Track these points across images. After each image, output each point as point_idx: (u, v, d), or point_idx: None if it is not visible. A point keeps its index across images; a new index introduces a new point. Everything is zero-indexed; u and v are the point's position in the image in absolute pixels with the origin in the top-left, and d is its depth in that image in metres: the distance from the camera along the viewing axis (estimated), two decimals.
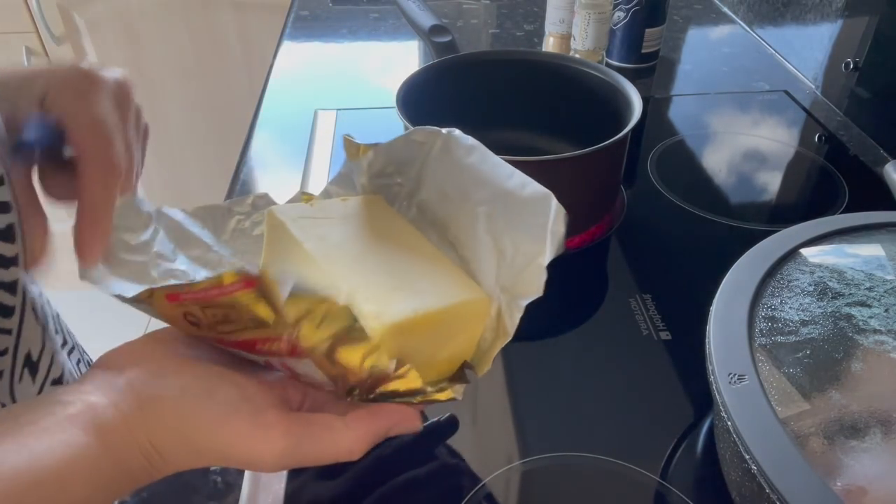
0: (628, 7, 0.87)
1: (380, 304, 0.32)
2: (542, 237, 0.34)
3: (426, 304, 0.33)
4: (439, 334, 0.34)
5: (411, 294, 0.33)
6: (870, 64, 0.77)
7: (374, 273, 0.34)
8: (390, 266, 0.35)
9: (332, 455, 0.30)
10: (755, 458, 0.32)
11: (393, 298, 0.32)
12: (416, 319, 0.32)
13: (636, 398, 0.48)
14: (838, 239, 0.44)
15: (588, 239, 0.62)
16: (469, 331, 0.35)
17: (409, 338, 0.32)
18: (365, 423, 0.31)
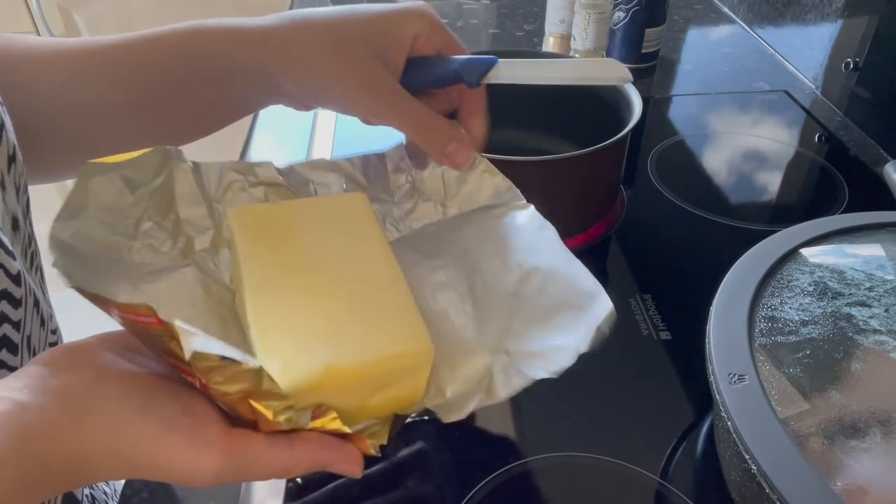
0: (628, 7, 0.87)
1: (289, 357, 0.30)
2: (584, 327, 0.34)
3: (344, 356, 0.30)
4: (366, 384, 0.31)
5: (333, 342, 0.31)
6: (870, 64, 0.77)
7: (303, 310, 0.32)
8: (329, 299, 0.33)
9: (270, 474, 0.30)
10: (755, 458, 0.32)
11: (308, 349, 0.30)
12: (331, 374, 0.30)
13: (636, 398, 0.48)
14: (838, 239, 0.44)
15: (588, 239, 0.62)
16: (406, 381, 0.32)
17: (328, 390, 0.30)
18: (309, 451, 0.30)
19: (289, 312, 0.32)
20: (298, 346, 0.31)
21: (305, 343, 0.31)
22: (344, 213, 0.38)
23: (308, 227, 0.37)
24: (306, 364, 0.30)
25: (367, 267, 0.35)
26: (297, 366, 0.30)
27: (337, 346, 0.31)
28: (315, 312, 0.32)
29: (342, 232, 0.37)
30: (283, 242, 0.36)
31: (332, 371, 0.30)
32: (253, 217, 0.37)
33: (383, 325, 0.32)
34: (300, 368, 0.30)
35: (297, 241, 0.36)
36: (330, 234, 0.36)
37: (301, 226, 0.37)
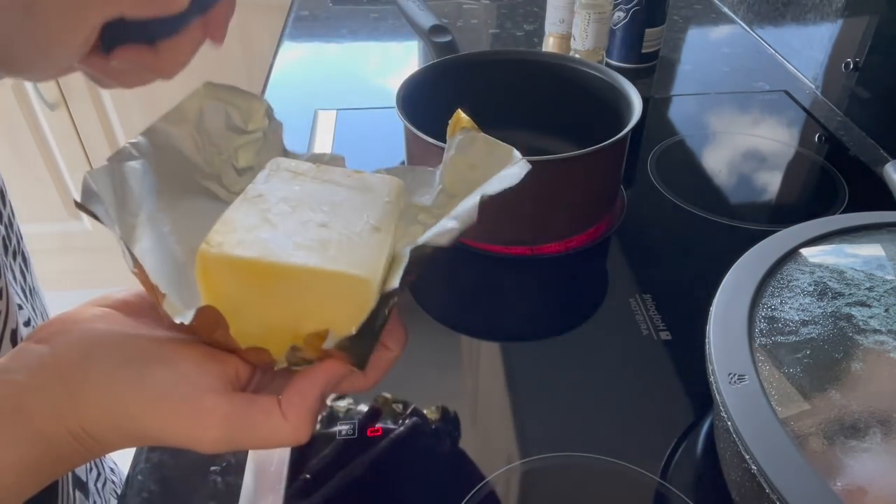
0: (628, 7, 0.87)
1: (231, 240, 0.30)
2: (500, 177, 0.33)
3: (278, 256, 0.30)
4: (294, 295, 0.30)
5: (279, 246, 0.31)
6: (870, 64, 0.77)
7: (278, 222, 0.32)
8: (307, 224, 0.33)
9: (275, 441, 0.29)
10: (755, 458, 0.32)
11: (252, 242, 0.31)
12: (256, 266, 0.30)
13: (636, 398, 0.48)
14: (838, 239, 0.44)
15: (588, 239, 0.62)
16: (338, 309, 0.31)
17: (252, 287, 0.30)
18: (295, 405, 0.29)
19: (263, 220, 0.32)
20: (245, 237, 0.31)
21: (254, 238, 0.31)
22: (374, 186, 0.37)
23: (338, 183, 0.37)
24: (239, 249, 0.30)
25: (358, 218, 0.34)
26: (230, 247, 0.30)
27: (280, 249, 0.30)
28: (286, 226, 0.32)
29: (360, 194, 0.36)
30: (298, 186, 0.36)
31: (259, 264, 0.30)
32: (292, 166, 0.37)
33: (345, 252, 0.31)
34: (231, 250, 0.30)
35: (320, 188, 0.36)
36: (346, 189, 0.36)
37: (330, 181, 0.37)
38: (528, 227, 0.59)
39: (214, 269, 0.30)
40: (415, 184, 0.41)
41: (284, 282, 0.30)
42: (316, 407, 0.30)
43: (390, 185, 0.37)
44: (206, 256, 0.30)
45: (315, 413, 0.30)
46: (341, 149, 0.74)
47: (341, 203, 0.34)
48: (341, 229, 0.32)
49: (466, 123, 0.39)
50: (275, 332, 0.31)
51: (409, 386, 0.48)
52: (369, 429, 0.45)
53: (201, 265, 0.30)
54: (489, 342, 0.52)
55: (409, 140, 0.61)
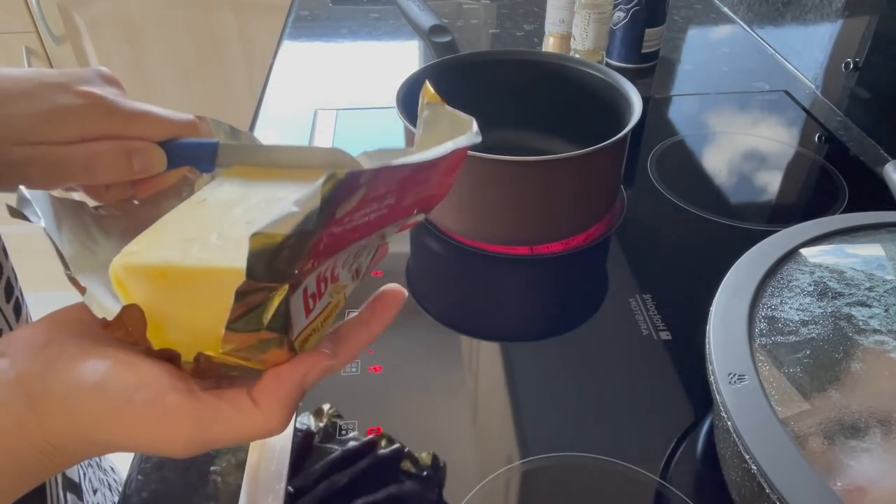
0: (628, 7, 0.87)
1: (150, 248, 0.30)
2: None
3: (186, 259, 0.29)
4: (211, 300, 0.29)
5: (197, 248, 0.30)
6: (870, 64, 0.77)
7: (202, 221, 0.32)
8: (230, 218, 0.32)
9: (250, 435, 0.28)
10: (755, 458, 0.32)
11: (166, 247, 0.30)
12: (163, 270, 0.29)
13: (636, 398, 0.48)
14: (838, 239, 0.44)
15: (588, 239, 0.62)
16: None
17: (166, 293, 0.30)
18: (270, 393, 0.28)
19: (193, 224, 0.32)
20: (161, 244, 0.30)
21: (168, 244, 0.31)
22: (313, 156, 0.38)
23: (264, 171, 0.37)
24: (139, 257, 0.30)
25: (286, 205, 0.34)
26: (136, 256, 0.30)
27: (184, 253, 0.30)
28: (212, 229, 0.32)
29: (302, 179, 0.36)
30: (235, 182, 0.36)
31: (165, 267, 0.29)
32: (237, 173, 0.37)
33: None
34: (148, 256, 0.30)
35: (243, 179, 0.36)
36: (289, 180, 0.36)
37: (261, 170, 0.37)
38: (528, 227, 0.59)
39: (126, 280, 0.30)
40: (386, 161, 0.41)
41: (188, 285, 0.29)
42: (293, 396, 0.29)
43: (324, 155, 0.37)
44: (115, 268, 0.30)
45: (292, 402, 0.29)
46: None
47: (282, 197, 0.34)
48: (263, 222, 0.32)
49: (431, 97, 0.37)
50: (203, 337, 0.30)
51: (409, 386, 0.48)
52: (369, 429, 0.45)
53: (114, 277, 0.30)
54: (489, 342, 0.52)
55: (410, 140, 0.61)
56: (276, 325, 0.27)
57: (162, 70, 1.53)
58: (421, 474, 0.42)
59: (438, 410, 0.47)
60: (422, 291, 0.57)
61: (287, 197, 0.34)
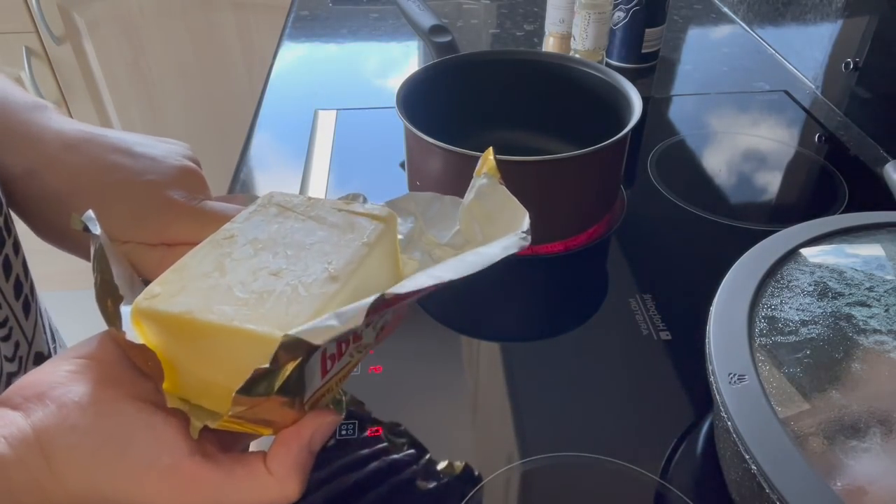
0: (628, 7, 0.87)
1: (173, 292, 0.30)
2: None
3: (207, 313, 0.29)
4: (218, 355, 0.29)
5: (219, 298, 0.30)
6: (870, 64, 0.77)
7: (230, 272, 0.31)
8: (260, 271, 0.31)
9: (263, 499, 0.29)
10: (755, 458, 0.32)
11: (193, 292, 0.30)
12: (183, 320, 0.29)
13: (636, 398, 0.48)
14: (838, 239, 0.44)
15: (588, 239, 0.62)
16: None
17: (183, 341, 0.29)
18: (280, 459, 0.29)
19: (216, 266, 0.31)
20: (184, 288, 0.30)
21: (193, 289, 0.30)
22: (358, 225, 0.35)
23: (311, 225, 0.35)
24: (164, 303, 0.29)
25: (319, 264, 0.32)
26: (159, 300, 0.29)
27: (207, 303, 0.29)
28: (237, 274, 0.31)
29: (339, 234, 0.34)
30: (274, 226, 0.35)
31: (178, 319, 0.29)
32: (278, 200, 0.36)
33: (274, 305, 0.29)
34: (157, 304, 0.29)
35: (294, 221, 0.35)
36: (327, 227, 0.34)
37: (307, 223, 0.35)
38: None
39: (145, 323, 0.30)
40: (439, 215, 0.39)
41: (206, 338, 0.29)
42: (303, 460, 0.29)
43: (375, 224, 0.35)
44: (136, 310, 0.29)
45: (303, 466, 0.29)
46: (341, 149, 0.74)
47: (312, 245, 0.33)
48: (291, 278, 0.31)
49: (490, 169, 0.37)
50: (211, 389, 0.30)
51: (409, 386, 0.48)
52: (370, 429, 0.45)
53: (133, 317, 0.30)
54: (489, 342, 0.52)
55: (409, 140, 0.61)
56: (287, 390, 0.27)
57: (162, 70, 1.53)
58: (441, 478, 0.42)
59: (438, 410, 0.47)
60: None
61: (318, 247, 0.33)
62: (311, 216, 0.35)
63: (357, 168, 0.72)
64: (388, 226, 0.35)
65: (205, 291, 0.30)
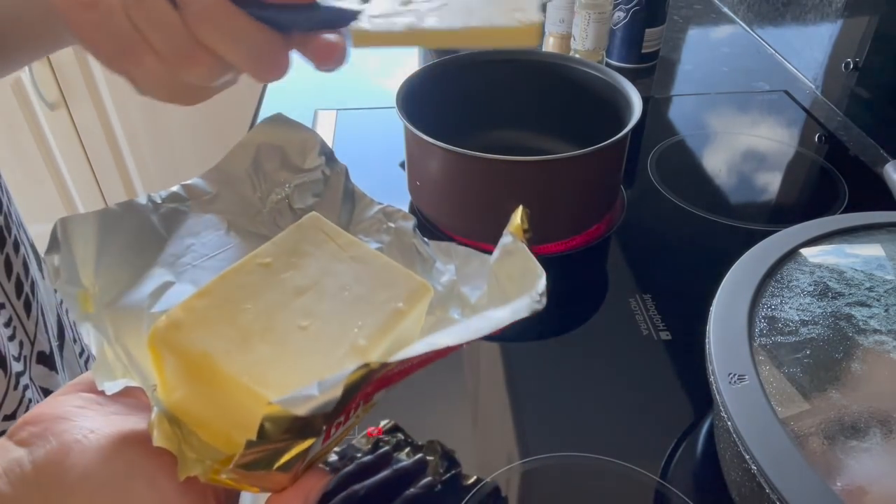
0: (628, 7, 0.87)
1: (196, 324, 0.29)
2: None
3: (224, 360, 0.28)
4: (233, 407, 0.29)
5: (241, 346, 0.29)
6: (870, 64, 0.77)
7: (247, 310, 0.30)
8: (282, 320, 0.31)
9: None
10: (755, 458, 0.32)
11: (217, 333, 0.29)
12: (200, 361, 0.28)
13: (636, 398, 0.48)
14: (838, 239, 0.44)
15: (588, 239, 0.62)
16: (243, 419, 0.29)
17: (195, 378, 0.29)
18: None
19: (241, 302, 0.30)
20: (207, 319, 0.29)
21: (217, 330, 0.29)
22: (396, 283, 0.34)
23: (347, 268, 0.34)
24: (185, 335, 0.28)
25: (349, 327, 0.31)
26: (182, 331, 0.29)
27: (238, 350, 0.29)
28: (259, 318, 0.30)
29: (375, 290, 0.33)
30: (312, 256, 0.34)
31: (204, 357, 0.28)
32: (319, 226, 0.35)
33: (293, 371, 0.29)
34: (178, 335, 0.29)
35: (322, 264, 0.34)
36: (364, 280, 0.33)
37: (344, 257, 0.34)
38: None
39: (161, 351, 0.29)
40: (474, 273, 0.39)
41: (218, 383, 0.28)
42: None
43: (412, 289, 0.34)
44: (154, 335, 0.29)
45: None
46: (341, 149, 0.74)
47: (347, 299, 0.32)
48: (319, 339, 0.30)
49: (514, 229, 0.36)
50: (212, 424, 0.30)
51: (409, 386, 0.48)
52: (370, 429, 0.45)
53: (150, 341, 0.29)
54: (489, 342, 0.52)
55: (409, 140, 0.61)
56: (288, 467, 0.26)
57: None
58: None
59: (438, 410, 0.47)
60: None
61: (353, 303, 0.32)
62: (352, 256, 0.34)
63: (357, 168, 0.71)
64: (424, 297, 0.34)
65: (227, 331, 0.29)
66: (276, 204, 0.38)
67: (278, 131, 0.38)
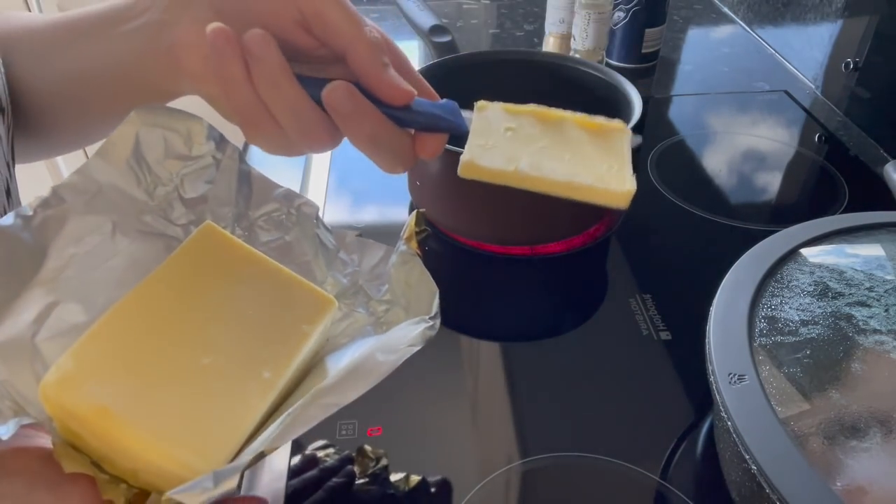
0: (628, 7, 0.87)
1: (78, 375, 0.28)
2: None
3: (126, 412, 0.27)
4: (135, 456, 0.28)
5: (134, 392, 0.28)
6: (870, 64, 0.77)
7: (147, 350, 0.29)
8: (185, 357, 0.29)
9: None
10: (755, 458, 0.32)
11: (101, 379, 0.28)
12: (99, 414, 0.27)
13: (636, 398, 0.48)
14: (838, 239, 0.44)
15: (588, 239, 0.62)
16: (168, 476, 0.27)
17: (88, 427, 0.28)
18: None
19: (135, 342, 0.29)
20: (96, 371, 0.28)
21: (106, 372, 0.28)
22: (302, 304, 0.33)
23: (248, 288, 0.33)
24: (83, 392, 0.27)
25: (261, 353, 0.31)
26: (75, 385, 0.27)
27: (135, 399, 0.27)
28: (157, 359, 0.29)
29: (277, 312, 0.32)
30: (209, 279, 0.32)
31: (103, 412, 0.27)
32: (215, 240, 0.33)
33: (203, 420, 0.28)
34: (75, 390, 0.27)
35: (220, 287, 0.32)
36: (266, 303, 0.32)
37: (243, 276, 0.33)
38: (528, 227, 0.59)
39: (54, 404, 0.28)
40: (377, 264, 0.38)
41: (118, 435, 0.27)
42: None
43: (316, 305, 0.33)
44: (43, 391, 0.27)
45: None
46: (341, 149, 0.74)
47: (247, 326, 0.31)
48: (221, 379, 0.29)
49: (408, 236, 0.35)
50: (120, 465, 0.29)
51: (409, 386, 0.48)
52: (369, 429, 0.45)
53: (42, 395, 0.28)
54: (489, 342, 0.52)
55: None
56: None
57: None
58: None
59: (438, 410, 0.47)
60: None
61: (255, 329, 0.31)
62: (252, 273, 0.33)
63: (357, 168, 0.72)
64: (327, 311, 0.34)
65: (124, 379, 0.28)
66: (165, 196, 0.36)
67: (157, 120, 0.35)
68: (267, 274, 0.34)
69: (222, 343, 0.30)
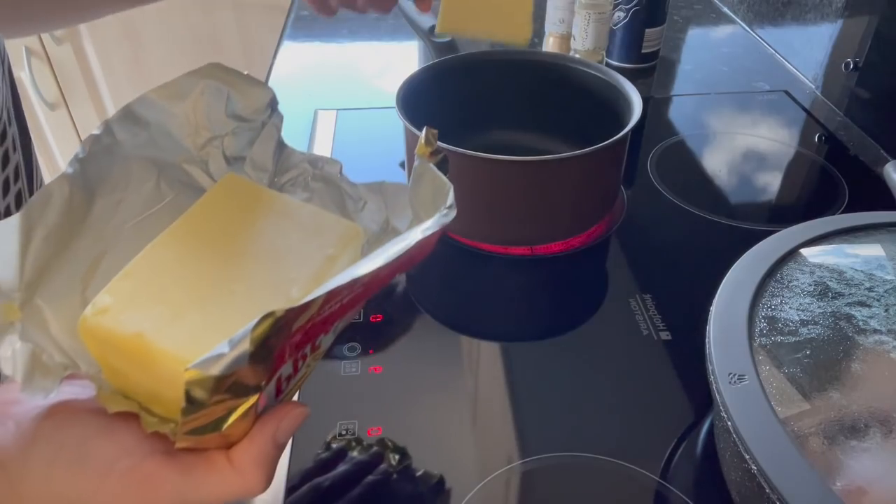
0: (628, 7, 0.87)
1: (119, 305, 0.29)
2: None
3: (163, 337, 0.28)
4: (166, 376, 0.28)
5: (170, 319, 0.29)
6: (870, 64, 0.77)
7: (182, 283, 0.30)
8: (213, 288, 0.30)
9: (227, 493, 0.28)
10: (755, 458, 0.32)
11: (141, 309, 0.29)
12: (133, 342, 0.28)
13: (636, 398, 0.48)
14: (838, 239, 0.44)
15: (588, 239, 0.62)
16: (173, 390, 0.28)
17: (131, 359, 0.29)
18: (244, 452, 0.28)
19: (168, 277, 0.30)
20: (131, 303, 0.29)
21: (145, 303, 0.29)
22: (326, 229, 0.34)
23: (274, 224, 0.34)
24: (115, 320, 0.28)
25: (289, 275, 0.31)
26: (111, 316, 0.28)
27: (169, 324, 0.28)
28: (189, 290, 0.30)
29: (303, 240, 0.33)
30: (238, 218, 0.33)
31: (137, 338, 0.28)
32: (240, 186, 0.34)
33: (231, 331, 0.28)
34: (112, 320, 0.28)
35: (249, 224, 0.33)
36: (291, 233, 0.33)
37: (270, 214, 0.34)
38: (528, 227, 0.59)
39: (93, 335, 0.29)
40: (402, 203, 0.38)
41: (156, 360, 0.28)
42: (267, 452, 0.28)
43: (341, 233, 0.33)
44: (83, 324, 0.28)
45: (267, 459, 0.28)
46: (341, 149, 0.74)
47: (273, 255, 0.32)
48: (249, 302, 0.29)
49: (420, 150, 0.35)
50: (161, 397, 0.29)
51: (409, 386, 0.48)
52: (369, 429, 0.45)
53: (81, 329, 0.29)
54: (489, 342, 0.52)
55: (409, 140, 0.61)
56: (238, 429, 0.26)
57: (162, 70, 1.53)
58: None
59: (438, 410, 0.47)
60: (421, 291, 0.57)
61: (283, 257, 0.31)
62: (277, 210, 0.34)
63: (357, 168, 0.71)
64: (354, 239, 0.34)
65: (156, 308, 0.29)
66: (209, 149, 0.37)
67: (228, 78, 0.37)
68: (293, 210, 0.34)
69: (252, 272, 0.31)
